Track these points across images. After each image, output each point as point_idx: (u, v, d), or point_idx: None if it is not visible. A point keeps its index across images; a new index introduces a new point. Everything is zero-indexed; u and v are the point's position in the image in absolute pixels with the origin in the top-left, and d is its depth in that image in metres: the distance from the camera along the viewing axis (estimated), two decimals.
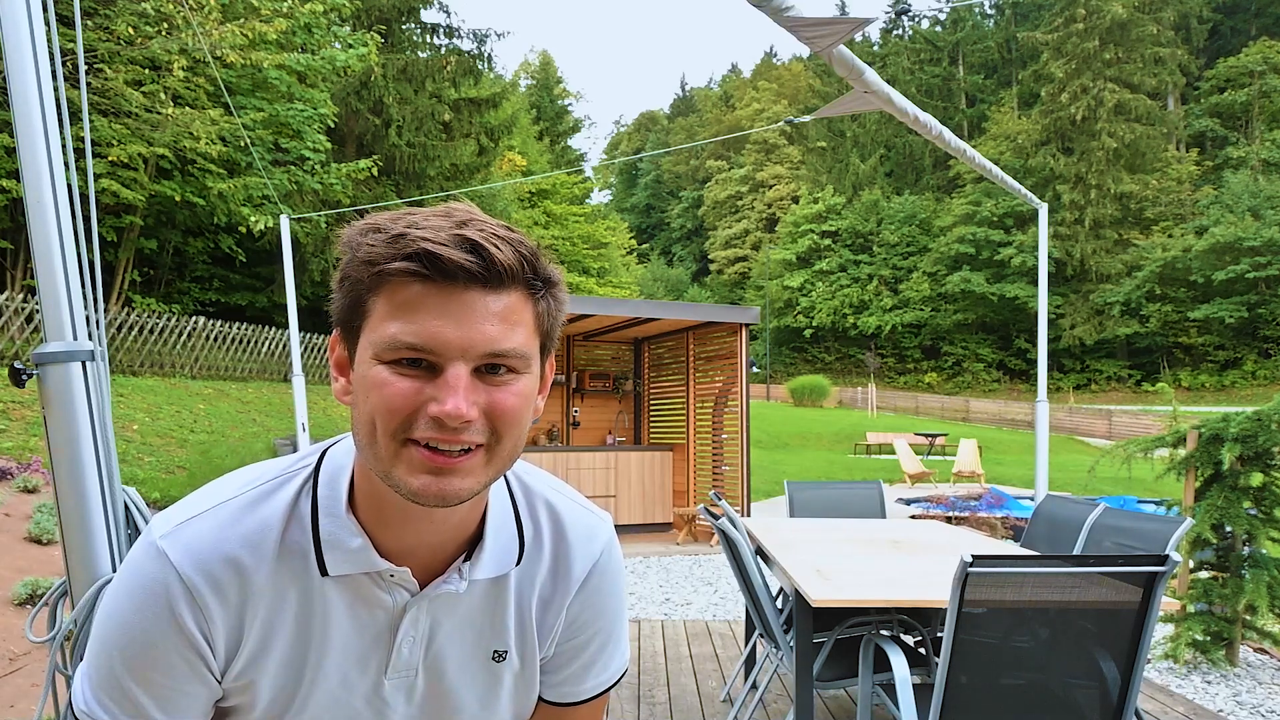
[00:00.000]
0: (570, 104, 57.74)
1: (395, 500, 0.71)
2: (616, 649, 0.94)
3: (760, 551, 3.24)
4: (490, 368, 0.67)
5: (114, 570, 1.64)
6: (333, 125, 15.04)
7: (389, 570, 0.75)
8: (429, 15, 21.59)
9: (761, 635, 3.11)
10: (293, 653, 0.76)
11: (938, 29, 57.40)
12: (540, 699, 0.93)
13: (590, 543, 0.88)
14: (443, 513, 0.73)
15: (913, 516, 9.65)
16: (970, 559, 1.90)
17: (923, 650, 2.85)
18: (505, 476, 0.84)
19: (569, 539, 0.87)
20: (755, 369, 45.64)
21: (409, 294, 0.65)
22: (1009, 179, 5.74)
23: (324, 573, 0.74)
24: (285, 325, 13.71)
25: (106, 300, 12.90)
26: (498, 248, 0.65)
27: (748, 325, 8.11)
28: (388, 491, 0.71)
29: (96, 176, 6.53)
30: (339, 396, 0.73)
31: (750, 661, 3.69)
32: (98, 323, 1.74)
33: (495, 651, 0.84)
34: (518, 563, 0.83)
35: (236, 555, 0.72)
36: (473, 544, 0.80)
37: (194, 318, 13.48)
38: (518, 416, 0.69)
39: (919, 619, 2.91)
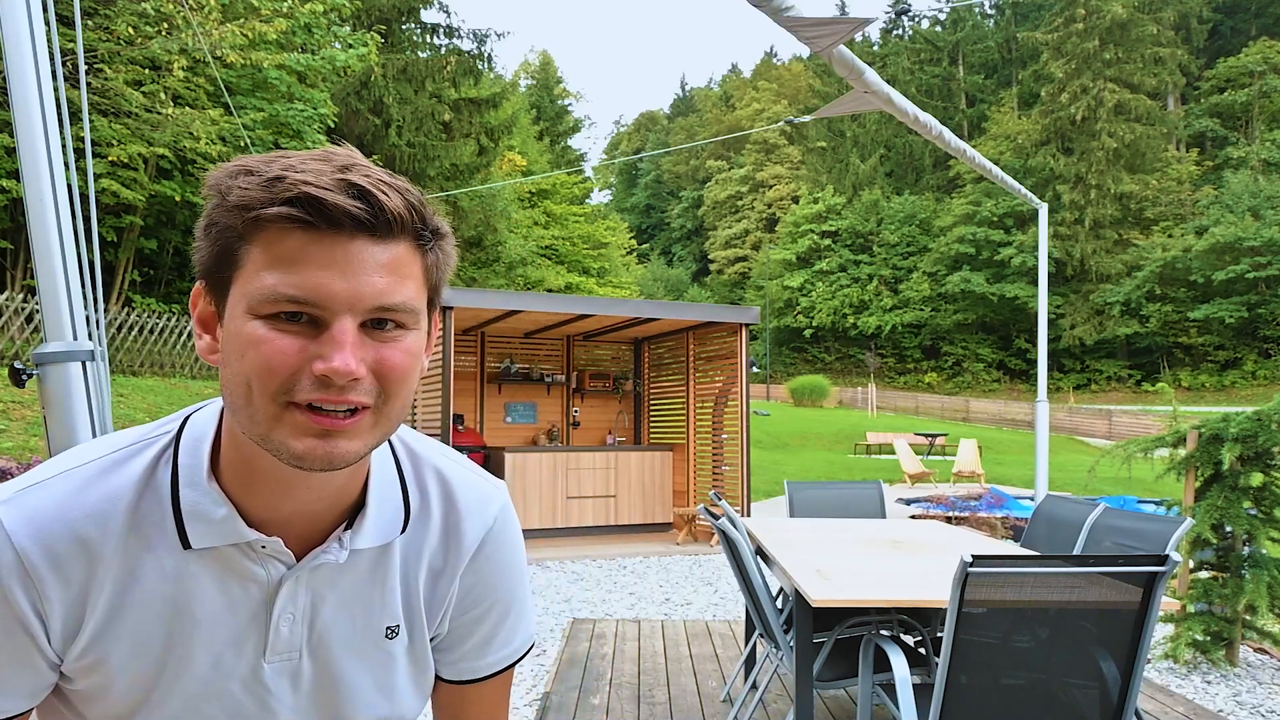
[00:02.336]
0: (570, 104, 57.78)
1: (269, 465, 0.67)
2: (519, 622, 0.89)
3: (760, 551, 3.24)
4: (377, 323, 0.63)
5: None
6: (333, 125, 15.05)
7: (259, 541, 0.70)
8: (429, 15, 21.62)
9: (761, 635, 3.11)
10: (150, 632, 0.70)
11: (938, 29, 57.41)
12: (440, 678, 0.88)
13: (483, 511, 0.84)
14: (322, 478, 0.68)
15: (913, 516, 9.65)
16: (970, 559, 1.90)
17: (923, 650, 2.85)
18: (390, 442, 0.80)
19: (459, 507, 0.82)
20: (755, 369, 45.64)
21: (289, 243, 0.60)
22: (1009, 179, 5.75)
23: (186, 545, 0.69)
24: None
25: (106, 300, 12.90)
26: (386, 194, 0.61)
27: (748, 325, 8.11)
28: (260, 456, 0.66)
29: (96, 176, 6.53)
30: (205, 355, 0.67)
31: (750, 661, 3.69)
32: (98, 323, 1.74)
33: (387, 628, 0.79)
34: (403, 530, 0.78)
35: (80, 529, 0.67)
36: (354, 511, 0.75)
37: None
38: (406, 374, 0.65)
39: (919, 619, 2.91)
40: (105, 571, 0.68)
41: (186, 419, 0.74)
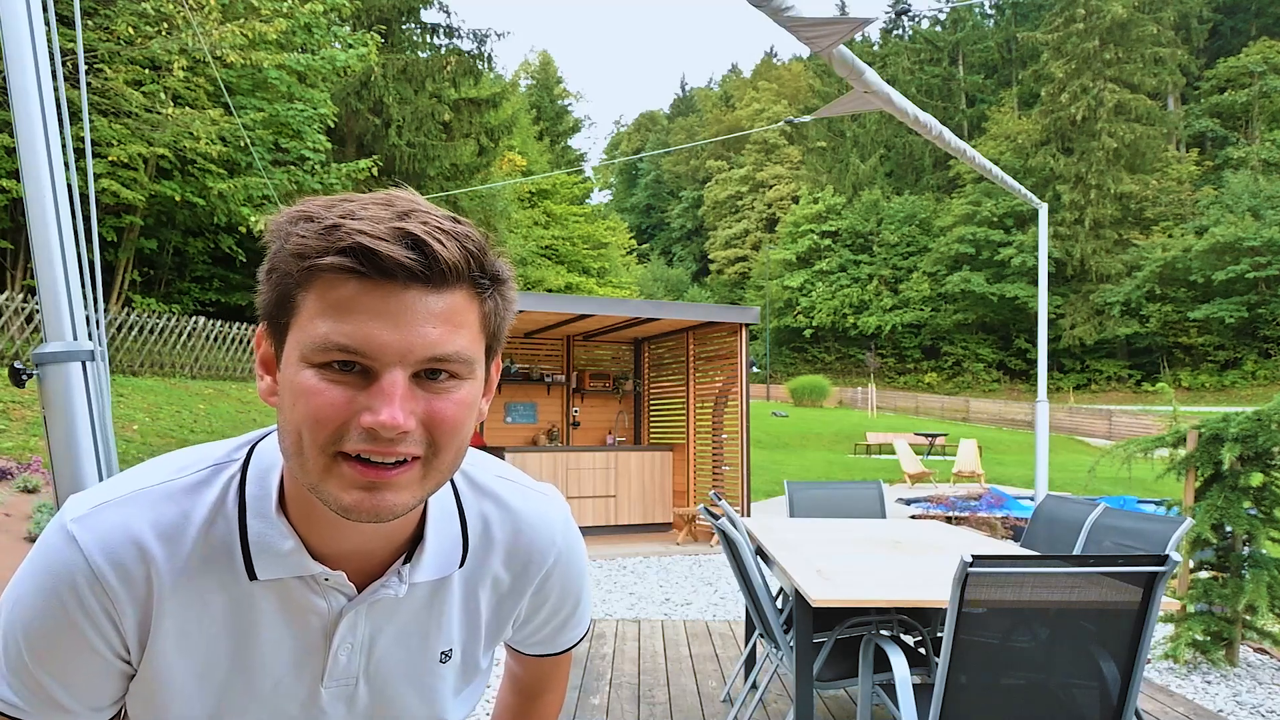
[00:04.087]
0: (570, 104, 57.78)
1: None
2: (582, 614, 0.95)
3: (760, 551, 3.24)
4: (430, 373, 0.62)
5: None
6: (333, 125, 15.04)
7: (323, 574, 0.71)
8: (429, 15, 21.61)
9: (761, 635, 3.11)
10: (215, 656, 0.72)
11: (938, 29, 57.39)
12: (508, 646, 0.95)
13: (550, 534, 0.85)
14: None
15: (913, 516, 9.65)
16: (970, 559, 1.90)
17: (923, 650, 2.85)
18: None
19: (525, 534, 0.83)
20: (755, 369, 45.63)
21: (342, 292, 0.60)
22: (1009, 179, 5.74)
23: (252, 576, 0.70)
24: None
25: (106, 300, 12.90)
26: (441, 243, 0.61)
27: (748, 325, 8.11)
28: None
29: (96, 176, 6.53)
30: (264, 396, 0.68)
31: (750, 661, 3.69)
32: (98, 323, 1.74)
33: (442, 654, 0.81)
34: (461, 564, 0.79)
35: (149, 547, 0.68)
36: (413, 544, 0.76)
37: (194, 318, 13.48)
38: (458, 427, 0.64)
39: (919, 619, 2.91)
40: (172, 595, 0.69)
41: (253, 447, 0.74)
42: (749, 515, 7.48)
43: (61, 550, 0.67)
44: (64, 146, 1.72)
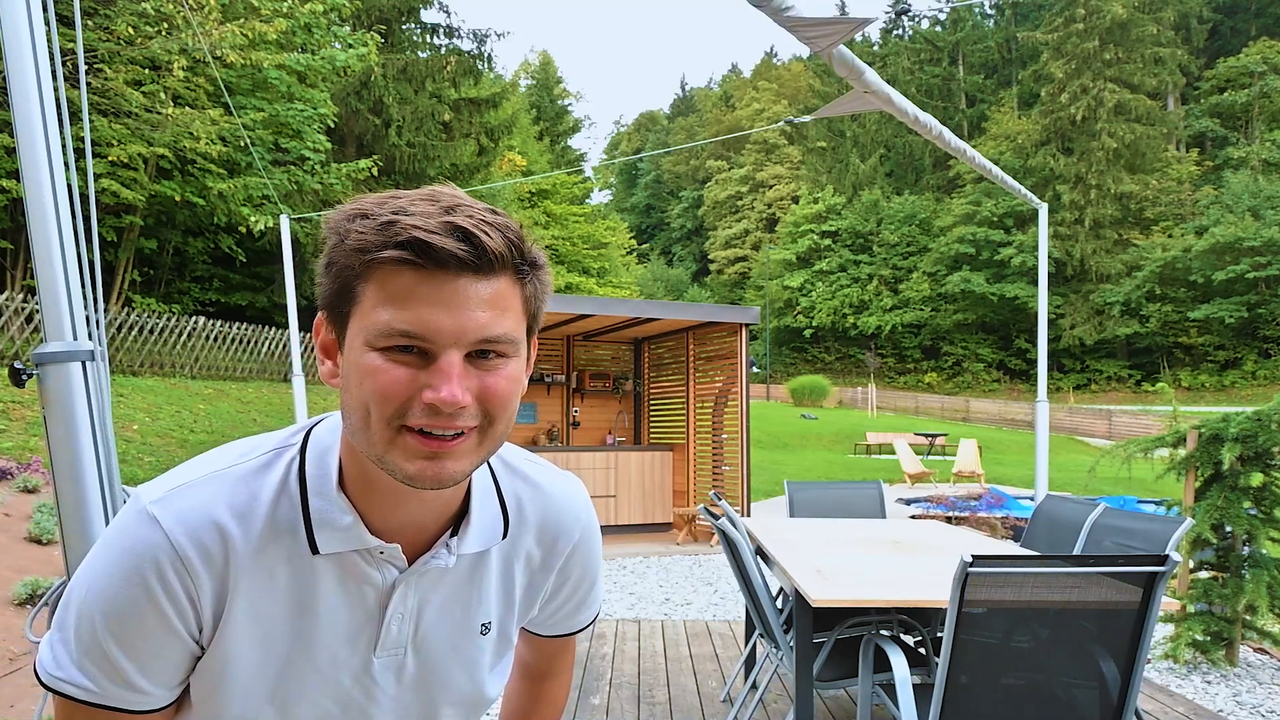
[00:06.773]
0: (570, 104, 57.76)
1: (384, 480, 0.73)
2: (596, 594, 1.01)
3: (760, 551, 3.24)
4: (481, 353, 0.69)
5: None
6: (333, 125, 15.05)
7: (379, 547, 0.77)
8: (429, 15, 21.63)
9: (761, 635, 3.11)
10: (279, 630, 0.76)
11: (938, 29, 57.37)
12: (524, 629, 1.00)
13: (576, 512, 0.92)
14: (433, 493, 0.74)
15: (913, 516, 9.65)
16: (970, 559, 1.90)
17: (923, 650, 2.85)
18: None
19: (554, 512, 0.90)
20: (755, 369, 45.62)
21: (401, 282, 0.66)
22: (1009, 179, 5.74)
23: (315, 550, 0.75)
24: (285, 325, 13.68)
25: (106, 300, 12.90)
26: (488, 235, 0.66)
27: (748, 325, 8.11)
28: (376, 471, 0.72)
29: (96, 176, 6.53)
30: (327, 379, 0.74)
31: (750, 661, 3.69)
32: (98, 323, 1.74)
33: (482, 625, 0.87)
34: (504, 535, 0.85)
35: (226, 525, 0.73)
36: (458, 519, 0.82)
37: (194, 318, 13.48)
38: (508, 399, 0.71)
39: (919, 619, 2.91)
40: (244, 570, 0.74)
41: (309, 432, 0.81)
42: (749, 515, 7.48)
43: (142, 531, 0.71)
44: (64, 146, 1.72)
